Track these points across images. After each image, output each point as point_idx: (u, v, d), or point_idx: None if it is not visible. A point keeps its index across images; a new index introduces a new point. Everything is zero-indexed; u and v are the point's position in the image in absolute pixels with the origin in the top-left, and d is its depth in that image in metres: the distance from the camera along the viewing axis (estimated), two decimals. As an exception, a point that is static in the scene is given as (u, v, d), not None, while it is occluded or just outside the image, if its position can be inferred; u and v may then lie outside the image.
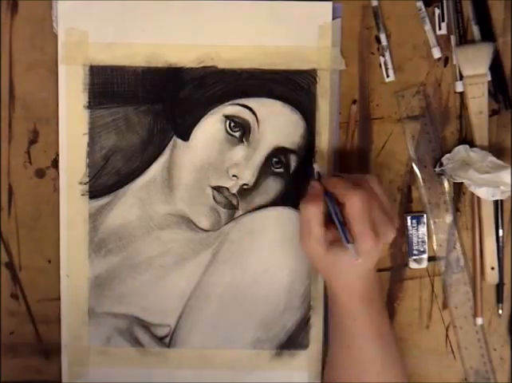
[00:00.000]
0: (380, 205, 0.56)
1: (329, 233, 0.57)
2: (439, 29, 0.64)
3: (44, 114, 0.63)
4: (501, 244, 0.65)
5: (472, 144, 0.63)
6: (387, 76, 0.64)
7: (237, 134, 0.63)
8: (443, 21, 0.64)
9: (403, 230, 0.65)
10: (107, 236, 0.64)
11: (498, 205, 0.65)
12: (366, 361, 0.59)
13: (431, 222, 0.65)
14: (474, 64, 0.63)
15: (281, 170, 0.63)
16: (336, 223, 0.56)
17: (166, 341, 0.65)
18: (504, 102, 0.64)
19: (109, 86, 0.63)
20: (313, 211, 0.56)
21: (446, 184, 0.65)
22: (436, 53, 0.64)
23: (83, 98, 0.63)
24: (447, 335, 0.66)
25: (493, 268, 0.65)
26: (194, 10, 0.62)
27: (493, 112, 0.64)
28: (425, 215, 0.65)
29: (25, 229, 0.64)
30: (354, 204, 0.54)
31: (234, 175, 0.63)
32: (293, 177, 0.64)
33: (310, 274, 0.64)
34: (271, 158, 0.63)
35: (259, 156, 0.63)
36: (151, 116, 0.63)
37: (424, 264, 0.65)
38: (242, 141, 0.63)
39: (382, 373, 0.59)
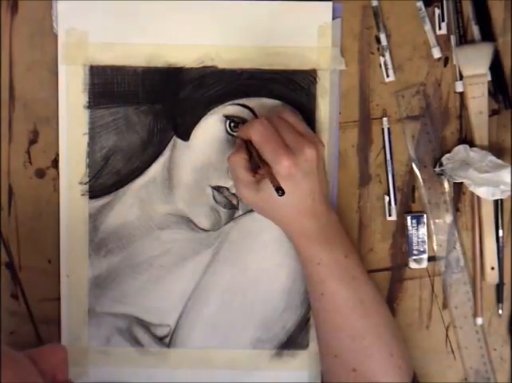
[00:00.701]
0: (288, 127, 0.56)
1: (258, 175, 0.57)
2: (439, 29, 0.64)
3: (44, 114, 0.63)
4: (501, 244, 0.65)
5: (472, 144, 0.63)
6: (387, 76, 0.64)
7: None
8: (443, 21, 0.64)
9: (403, 231, 0.65)
10: (107, 236, 0.64)
11: (498, 205, 0.65)
12: (344, 305, 0.57)
13: (431, 222, 0.65)
14: (474, 64, 0.63)
15: (281, 170, 0.63)
16: (256, 158, 0.56)
17: (166, 341, 0.65)
18: (504, 102, 0.64)
19: (109, 86, 0.63)
20: (235, 159, 0.58)
21: (446, 184, 0.65)
22: (436, 53, 0.64)
23: (83, 98, 0.63)
24: (447, 335, 0.66)
25: (493, 268, 0.65)
26: (194, 10, 0.62)
27: (493, 112, 0.64)
28: (425, 215, 0.65)
29: (25, 229, 0.64)
30: (256, 131, 0.55)
31: (234, 175, 0.63)
32: (293, 177, 0.64)
33: (310, 274, 0.64)
34: (271, 158, 0.63)
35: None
36: (151, 116, 0.63)
37: (424, 264, 0.65)
38: (242, 141, 0.63)
39: (364, 316, 0.57)
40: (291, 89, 0.63)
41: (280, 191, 0.52)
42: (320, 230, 0.57)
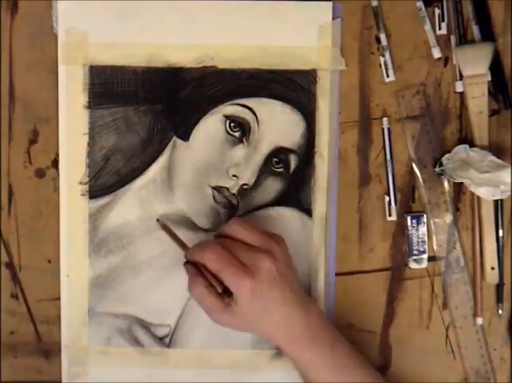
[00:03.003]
0: (240, 245, 0.55)
1: (226, 298, 0.56)
2: (439, 29, 0.64)
3: (44, 114, 0.63)
4: (501, 244, 0.65)
5: (472, 144, 0.63)
6: (387, 76, 0.64)
7: (237, 134, 0.63)
8: (443, 21, 0.64)
9: (403, 231, 0.65)
10: (107, 236, 0.64)
11: (498, 205, 0.65)
12: None
13: (431, 222, 0.65)
14: (474, 64, 0.63)
15: (281, 170, 0.63)
16: (214, 284, 0.55)
17: (166, 341, 0.65)
18: (504, 102, 0.64)
19: (109, 86, 0.63)
20: (197, 290, 0.56)
21: (446, 184, 0.65)
22: (436, 53, 0.64)
23: (83, 98, 0.63)
24: (447, 335, 0.66)
25: (493, 268, 0.65)
26: (194, 10, 0.62)
27: (493, 112, 0.64)
28: (425, 215, 0.65)
29: (25, 229, 0.64)
30: (209, 260, 0.54)
31: (234, 175, 0.63)
32: (293, 177, 0.64)
33: (310, 274, 0.64)
34: (271, 158, 0.63)
35: (259, 156, 0.63)
36: (151, 116, 0.63)
37: (424, 264, 0.65)
38: (242, 141, 0.63)
39: None
40: (291, 89, 0.63)
41: (227, 293, 0.54)
42: (300, 332, 0.56)
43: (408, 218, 0.65)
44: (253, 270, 0.54)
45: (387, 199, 0.65)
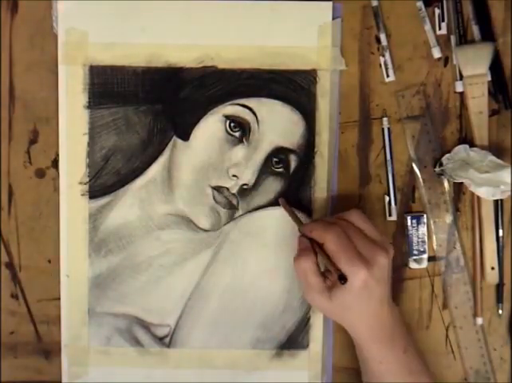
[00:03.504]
0: (360, 234, 0.56)
1: (328, 281, 0.57)
2: (439, 29, 0.64)
3: (44, 114, 0.63)
4: (501, 244, 0.65)
5: (472, 144, 0.63)
6: (387, 76, 0.64)
7: (237, 134, 0.63)
8: (443, 21, 0.64)
9: (403, 231, 0.65)
10: (107, 236, 0.64)
11: (498, 205, 0.65)
12: None
13: (431, 222, 0.65)
14: (474, 64, 0.63)
15: (281, 170, 0.63)
16: (328, 265, 0.55)
17: (166, 341, 0.65)
18: (504, 102, 0.64)
19: (109, 86, 0.63)
20: (306, 265, 0.56)
21: (446, 184, 0.65)
22: (436, 53, 0.64)
23: (83, 98, 0.63)
24: (447, 335, 0.66)
25: (493, 268, 0.65)
26: (194, 10, 0.62)
27: (493, 112, 0.64)
28: (425, 215, 0.65)
29: (25, 229, 0.64)
30: (330, 241, 0.55)
31: (234, 175, 0.63)
32: (293, 177, 0.64)
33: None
34: (271, 158, 0.63)
35: (259, 156, 0.63)
36: (151, 116, 0.63)
37: (424, 264, 0.65)
38: (242, 141, 0.63)
39: None
40: (291, 89, 0.63)
41: (343, 279, 0.54)
42: (384, 330, 0.57)
43: (408, 218, 0.65)
44: (369, 261, 0.54)
45: (387, 199, 0.65)
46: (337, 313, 0.58)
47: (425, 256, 0.65)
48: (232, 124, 0.63)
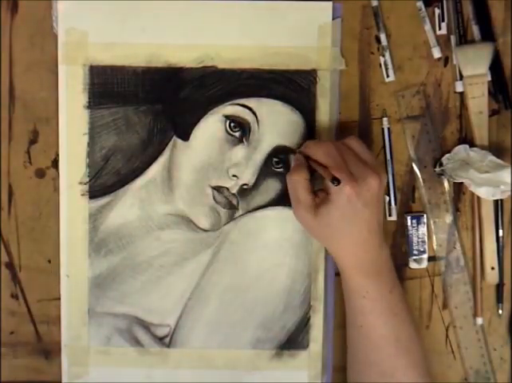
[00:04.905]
0: (354, 156, 0.56)
1: (318, 199, 0.57)
2: (439, 29, 0.64)
3: (44, 114, 0.63)
4: (501, 244, 0.65)
5: (472, 144, 0.63)
6: (387, 76, 0.64)
7: (237, 134, 0.63)
8: (443, 21, 0.64)
9: (403, 231, 0.65)
10: (107, 236, 0.64)
11: (498, 205, 0.65)
12: (379, 341, 0.57)
13: (431, 222, 0.65)
14: (474, 64, 0.63)
15: (281, 170, 0.63)
16: (320, 171, 0.55)
17: (166, 341, 0.65)
18: (504, 102, 0.64)
19: (109, 86, 0.63)
20: (297, 180, 0.57)
21: (446, 184, 0.65)
22: (436, 53, 0.64)
23: (83, 98, 0.63)
24: (447, 335, 0.66)
25: (493, 268, 0.65)
26: (194, 10, 0.62)
27: (493, 112, 0.64)
28: (425, 215, 0.65)
29: (25, 229, 0.64)
30: (322, 155, 0.55)
31: (234, 175, 0.63)
32: (293, 177, 0.64)
33: (310, 274, 0.64)
34: (271, 158, 0.63)
35: (259, 156, 0.63)
36: (151, 116, 0.63)
37: (424, 264, 0.65)
38: (242, 141, 0.63)
39: (395, 356, 0.57)
40: (291, 89, 0.63)
41: (335, 181, 0.53)
42: (371, 263, 0.57)
43: (408, 218, 0.65)
44: (357, 180, 0.54)
45: (387, 199, 0.65)
46: (322, 233, 0.57)
47: (425, 256, 0.65)
48: (232, 124, 0.63)
